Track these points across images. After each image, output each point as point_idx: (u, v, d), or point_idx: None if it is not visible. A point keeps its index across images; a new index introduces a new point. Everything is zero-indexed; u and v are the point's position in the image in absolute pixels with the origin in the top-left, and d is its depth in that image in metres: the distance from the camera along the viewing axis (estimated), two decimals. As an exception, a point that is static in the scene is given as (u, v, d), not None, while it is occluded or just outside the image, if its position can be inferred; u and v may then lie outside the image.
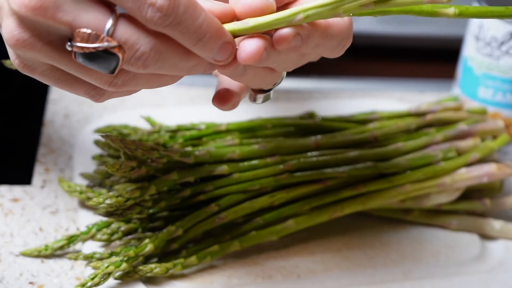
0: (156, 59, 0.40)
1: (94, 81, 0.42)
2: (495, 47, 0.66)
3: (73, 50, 0.40)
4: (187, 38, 0.39)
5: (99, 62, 0.40)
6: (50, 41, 0.40)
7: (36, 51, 0.40)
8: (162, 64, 0.40)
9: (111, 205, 0.51)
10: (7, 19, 0.40)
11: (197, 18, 0.39)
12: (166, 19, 0.38)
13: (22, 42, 0.40)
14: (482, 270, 0.57)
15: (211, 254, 0.54)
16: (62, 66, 0.41)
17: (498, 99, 0.68)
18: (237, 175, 0.56)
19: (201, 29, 0.39)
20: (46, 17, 0.38)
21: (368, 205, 0.58)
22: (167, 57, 0.40)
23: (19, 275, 0.54)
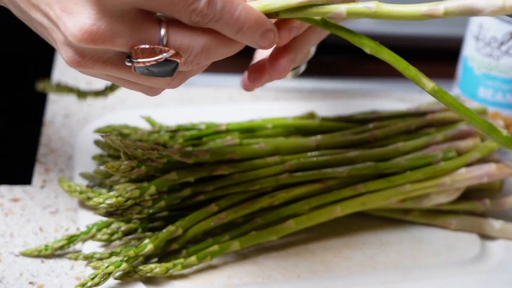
0: (207, 54, 0.43)
1: (153, 85, 0.45)
2: (495, 47, 0.66)
3: (133, 65, 0.42)
4: (228, 30, 0.42)
5: (159, 71, 0.42)
6: (108, 59, 0.42)
7: (96, 69, 0.42)
8: (213, 57, 0.43)
9: (111, 205, 0.51)
10: (65, 47, 0.42)
11: (235, 11, 0.42)
12: (207, 17, 0.41)
13: (82, 65, 0.42)
14: (482, 270, 0.57)
15: (211, 254, 0.54)
16: (122, 76, 0.44)
17: (498, 99, 0.68)
18: (237, 175, 0.56)
19: (239, 21, 0.42)
20: (104, 44, 0.41)
21: (368, 205, 0.58)
22: (216, 49, 0.43)
23: (19, 275, 0.54)
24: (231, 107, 0.75)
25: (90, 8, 0.40)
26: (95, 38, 0.40)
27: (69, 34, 0.40)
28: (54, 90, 0.55)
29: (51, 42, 0.43)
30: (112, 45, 0.41)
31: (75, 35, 0.40)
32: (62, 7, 0.40)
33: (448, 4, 0.40)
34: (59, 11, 0.40)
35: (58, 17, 0.41)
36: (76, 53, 0.41)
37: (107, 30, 0.40)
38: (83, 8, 0.40)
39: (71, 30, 0.40)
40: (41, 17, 0.42)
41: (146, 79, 0.44)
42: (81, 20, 0.40)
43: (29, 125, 0.76)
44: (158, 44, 0.42)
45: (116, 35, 0.41)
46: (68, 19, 0.40)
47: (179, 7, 0.40)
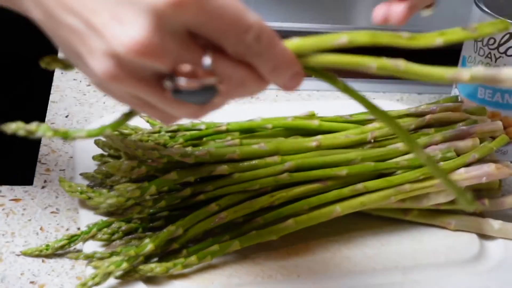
0: (242, 88, 0.43)
1: (178, 113, 0.43)
2: (494, 48, 0.67)
3: (173, 87, 0.40)
4: (265, 67, 0.42)
5: (196, 97, 0.41)
6: (143, 77, 0.41)
7: (129, 86, 0.41)
8: (244, 92, 0.43)
9: (112, 205, 0.52)
10: (104, 57, 0.40)
11: (275, 49, 0.42)
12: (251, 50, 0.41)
13: (118, 78, 0.40)
14: (481, 270, 0.58)
15: (211, 254, 0.54)
16: (151, 99, 0.42)
17: (497, 100, 0.69)
18: (237, 175, 0.56)
19: (277, 59, 0.42)
20: (152, 59, 0.39)
21: (368, 204, 0.58)
22: (250, 84, 0.43)
23: (20, 275, 0.54)
24: (231, 107, 0.75)
25: (146, 20, 0.38)
26: (145, 51, 0.39)
27: (118, 43, 0.39)
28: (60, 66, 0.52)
29: (80, 50, 0.41)
30: (159, 62, 0.40)
31: (125, 45, 0.38)
32: (113, 15, 0.39)
33: (474, 72, 0.42)
34: (107, 19, 0.39)
35: (105, 25, 0.39)
36: (114, 65, 0.40)
37: (159, 46, 0.39)
38: (138, 19, 0.38)
39: (122, 39, 0.38)
40: (77, 23, 0.40)
41: (176, 105, 0.42)
42: (134, 30, 0.38)
43: (30, 126, 0.76)
44: (202, 69, 0.41)
45: (165, 52, 0.39)
46: (119, 28, 0.39)
47: (230, 35, 0.40)
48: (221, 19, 0.39)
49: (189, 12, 0.38)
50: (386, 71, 0.45)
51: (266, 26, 0.41)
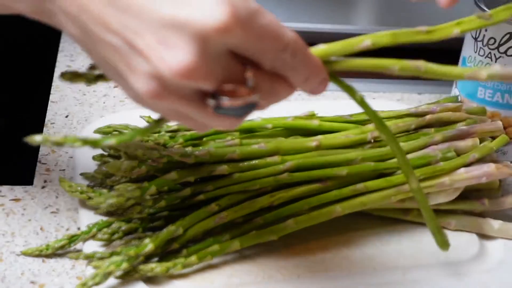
0: (276, 98, 0.45)
1: (216, 125, 0.44)
2: (494, 48, 0.67)
3: (216, 104, 0.42)
4: (297, 78, 0.44)
5: (237, 112, 0.43)
6: (185, 95, 0.42)
7: (170, 104, 0.42)
8: (275, 100, 0.45)
9: (112, 205, 0.52)
10: (147, 78, 0.40)
11: (308, 61, 0.44)
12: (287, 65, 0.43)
13: (161, 97, 0.41)
14: (481, 270, 0.58)
15: (211, 254, 0.54)
16: (190, 114, 0.43)
17: (497, 100, 0.69)
18: (237, 175, 0.56)
19: (309, 71, 0.44)
20: (198, 82, 0.40)
21: (368, 204, 0.58)
22: (282, 94, 0.45)
23: (20, 275, 0.54)
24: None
25: (193, 45, 0.39)
26: (192, 75, 0.40)
27: (165, 67, 0.39)
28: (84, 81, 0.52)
29: (121, 69, 0.42)
30: (205, 83, 0.41)
31: (173, 69, 0.39)
32: (159, 38, 0.39)
33: (491, 71, 0.45)
34: (153, 42, 0.40)
35: (150, 47, 0.40)
36: (159, 85, 0.41)
37: (205, 69, 0.40)
38: (185, 44, 0.39)
39: (170, 63, 0.39)
40: (118, 43, 0.41)
41: (216, 118, 0.43)
42: (181, 55, 0.39)
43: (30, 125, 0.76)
44: (243, 86, 0.42)
45: (210, 74, 0.40)
46: (166, 52, 0.39)
47: (269, 53, 0.42)
48: (263, 40, 0.41)
49: (234, 37, 0.40)
50: (407, 72, 0.47)
51: (300, 41, 0.43)
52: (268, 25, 0.41)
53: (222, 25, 0.39)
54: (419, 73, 0.47)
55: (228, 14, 0.39)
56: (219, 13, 0.39)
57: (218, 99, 0.42)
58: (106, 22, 0.41)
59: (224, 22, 0.39)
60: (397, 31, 0.47)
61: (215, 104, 0.42)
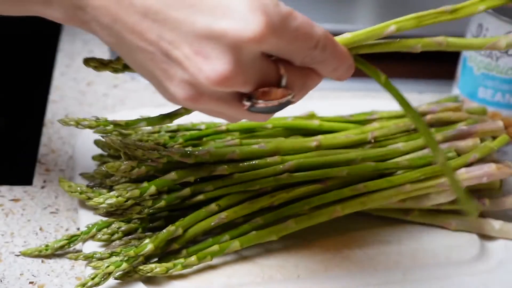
0: (306, 91, 0.46)
1: (250, 119, 0.46)
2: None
3: (252, 105, 0.44)
4: (326, 69, 0.46)
5: (273, 109, 0.45)
6: (221, 97, 0.43)
7: (207, 106, 0.44)
8: (305, 93, 0.47)
9: (111, 205, 0.52)
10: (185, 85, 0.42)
11: (336, 53, 0.45)
12: (316, 59, 0.44)
13: (198, 102, 0.43)
14: (482, 270, 0.57)
15: (211, 254, 0.54)
16: (228, 112, 0.45)
17: (498, 99, 0.68)
18: (237, 175, 0.56)
19: (337, 61, 0.46)
20: (234, 88, 0.42)
21: (368, 205, 0.58)
22: (312, 86, 0.47)
23: (19, 275, 0.54)
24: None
25: (229, 55, 0.41)
26: (230, 83, 0.41)
27: (203, 77, 0.41)
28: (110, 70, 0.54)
29: (157, 74, 0.43)
30: (241, 89, 0.43)
31: (212, 79, 0.41)
32: (195, 49, 0.41)
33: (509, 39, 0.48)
34: (190, 53, 0.41)
35: (187, 58, 0.41)
36: (196, 92, 0.42)
37: (241, 76, 0.42)
38: (222, 55, 0.41)
39: (208, 73, 0.41)
40: (154, 52, 0.42)
41: (250, 115, 0.45)
42: (219, 65, 0.41)
43: (29, 125, 0.76)
44: (277, 85, 0.44)
45: (246, 80, 0.42)
46: (203, 63, 0.41)
47: (301, 52, 0.43)
48: (295, 43, 0.42)
49: (268, 44, 0.41)
50: (430, 48, 0.49)
51: (329, 35, 0.44)
52: (299, 27, 0.42)
53: (257, 36, 0.40)
54: (441, 48, 0.49)
55: (262, 24, 0.40)
56: (254, 24, 0.40)
57: (253, 100, 0.43)
58: (142, 32, 0.42)
59: (259, 33, 0.40)
60: (421, 14, 0.48)
61: (250, 105, 0.44)
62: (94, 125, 0.54)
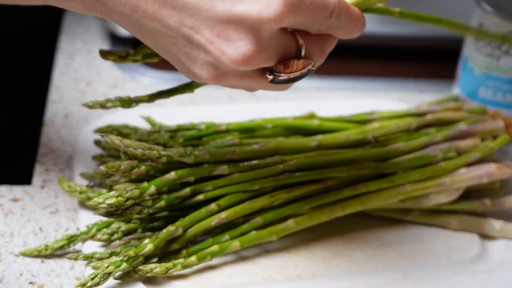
0: (324, 56, 0.48)
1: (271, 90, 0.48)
2: (495, 47, 0.66)
3: (274, 78, 0.46)
4: (342, 33, 0.47)
5: (294, 79, 0.47)
6: (245, 73, 0.45)
7: (231, 82, 0.46)
8: (323, 58, 0.48)
9: (111, 205, 0.51)
10: (209, 66, 0.44)
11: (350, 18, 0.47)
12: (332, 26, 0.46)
13: (223, 80, 0.45)
14: (482, 270, 0.57)
15: (211, 254, 0.54)
16: (252, 85, 0.47)
17: (498, 99, 0.68)
18: (237, 175, 0.56)
19: (352, 25, 0.47)
20: (258, 66, 0.44)
21: (368, 205, 0.58)
22: (329, 50, 0.48)
23: (19, 275, 0.54)
24: (231, 107, 0.75)
25: (250, 36, 0.43)
26: (253, 62, 0.43)
27: (227, 59, 0.43)
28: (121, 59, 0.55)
29: (180, 57, 0.45)
30: (263, 65, 0.44)
31: (235, 60, 0.43)
32: (217, 33, 0.43)
33: None
34: (212, 36, 0.43)
35: (210, 41, 0.43)
36: (220, 72, 0.44)
37: (263, 55, 0.43)
38: (243, 36, 0.43)
39: (231, 55, 0.43)
40: (178, 37, 0.44)
41: (272, 86, 0.47)
42: (242, 46, 0.43)
43: (29, 125, 0.76)
44: (297, 56, 0.45)
45: (268, 57, 0.44)
46: (226, 45, 0.43)
47: (317, 22, 0.45)
48: (311, 16, 0.44)
49: (287, 21, 0.43)
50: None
51: (342, 1, 0.46)
52: (314, 0, 0.44)
53: (276, 16, 0.42)
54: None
55: (281, 4, 0.42)
56: (273, 4, 0.42)
57: (276, 73, 0.45)
58: (163, 19, 0.44)
59: (278, 13, 0.42)
60: None
61: (273, 78, 0.46)
62: (118, 104, 0.56)
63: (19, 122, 0.83)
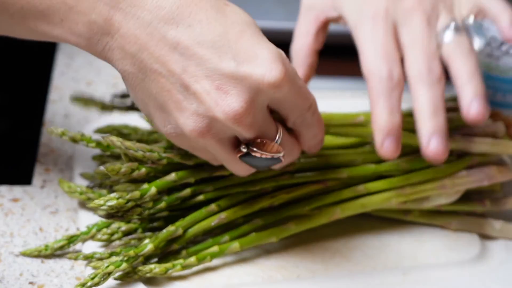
0: (291, 157, 0.51)
1: (234, 169, 0.51)
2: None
3: (247, 152, 0.48)
4: (309, 135, 0.51)
5: (261, 164, 0.49)
6: (222, 139, 0.47)
7: (205, 142, 0.47)
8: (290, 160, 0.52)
9: (112, 207, 0.51)
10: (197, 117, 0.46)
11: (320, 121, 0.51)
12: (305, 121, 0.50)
13: (204, 136, 0.46)
14: (482, 270, 0.57)
15: (210, 255, 0.54)
16: (218, 155, 0.49)
17: (498, 99, 0.68)
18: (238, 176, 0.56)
19: (319, 129, 0.52)
20: (243, 127, 0.46)
21: (368, 207, 0.58)
22: (294, 154, 0.52)
23: (19, 275, 0.54)
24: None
25: (248, 95, 0.45)
26: (241, 120, 0.45)
27: (219, 110, 0.45)
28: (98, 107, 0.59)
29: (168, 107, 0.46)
30: (248, 130, 0.46)
31: (227, 113, 0.45)
32: (217, 85, 0.45)
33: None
34: (211, 88, 0.45)
35: (207, 92, 0.45)
36: (205, 125, 0.46)
37: (252, 117, 0.45)
38: (241, 93, 0.45)
39: (224, 108, 0.45)
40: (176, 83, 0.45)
41: (237, 163, 0.49)
42: (237, 102, 0.45)
43: (29, 125, 0.76)
44: (273, 142, 0.48)
45: (254, 124, 0.46)
46: (222, 98, 0.45)
47: (298, 110, 0.48)
48: (298, 98, 0.47)
49: (282, 92, 0.46)
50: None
51: (316, 102, 0.50)
52: (303, 85, 0.48)
53: (277, 82, 0.45)
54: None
55: (282, 73, 0.45)
56: (276, 71, 0.45)
57: (250, 148, 0.48)
58: (168, 63, 0.45)
59: (279, 79, 0.45)
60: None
61: (246, 151, 0.48)
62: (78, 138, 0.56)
63: (19, 122, 0.83)
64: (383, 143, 0.53)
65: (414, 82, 0.53)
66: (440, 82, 0.54)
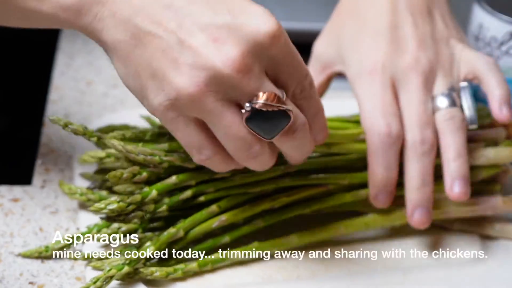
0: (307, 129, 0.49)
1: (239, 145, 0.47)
2: (495, 47, 0.66)
3: (251, 109, 0.45)
4: (311, 109, 0.50)
5: (271, 124, 0.46)
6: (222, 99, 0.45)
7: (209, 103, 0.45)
8: (303, 135, 0.49)
9: (113, 211, 0.51)
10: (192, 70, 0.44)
11: (319, 101, 0.51)
12: (305, 91, 0.49)
13: (204, 92, 0.44)
14: (482, 270, 0.57)
15: (212, 262, 0.54)
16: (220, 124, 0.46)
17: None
18: (239, 177, 0.56)
19: (319, 108, 0.51)
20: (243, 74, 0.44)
21: (372, 226, 0.58)
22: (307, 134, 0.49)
23: (19, 275, 0.54)
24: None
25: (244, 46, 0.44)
26: (241, 70, 0.44)
27: (218, 59, 0.44)
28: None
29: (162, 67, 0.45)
30: (247, 82, 0.44)
31: (225, 62, 0.44)
32: (214, 37, 0.44)
33: None
34: (207, 40, 0.44)
35: (204, 44, 0.44)
36: (204, 79, 0.44)
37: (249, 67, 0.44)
38: (237, 43, 0.44)
39: (222, 57, 0.44)
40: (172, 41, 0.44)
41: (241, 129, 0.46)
42: (234, 50, 0.44)
43: (29, 125, 0.76)
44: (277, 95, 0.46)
45: (252, 74, 0.45)
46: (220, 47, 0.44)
47: (295, 76, 0.47)
48: (294, 59, 0.47)
49: (277, 46, 0.45)
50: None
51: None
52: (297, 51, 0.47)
53: (272, 32, 0.44)
54: None
55: (277, 26, 0.45)
56: (270, 23, 0.45)
57: (254, 103, 0.45)
58: (163, 22, 0.45)
59: (274, 30, 0.45)
60: None
61: (250, 108, 0.45)
62: (81, 131, 0.54)
63: (19, 122, 0.83)
64: (377, 196, 0.56)
65: (407, 149, 0.55)
66: (432, 152, 0.55)
